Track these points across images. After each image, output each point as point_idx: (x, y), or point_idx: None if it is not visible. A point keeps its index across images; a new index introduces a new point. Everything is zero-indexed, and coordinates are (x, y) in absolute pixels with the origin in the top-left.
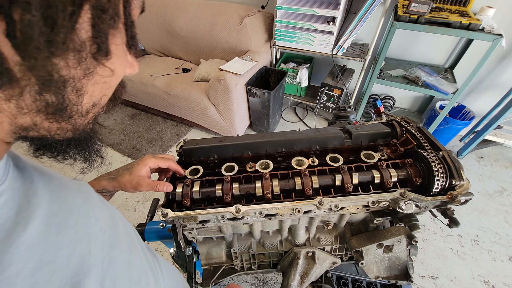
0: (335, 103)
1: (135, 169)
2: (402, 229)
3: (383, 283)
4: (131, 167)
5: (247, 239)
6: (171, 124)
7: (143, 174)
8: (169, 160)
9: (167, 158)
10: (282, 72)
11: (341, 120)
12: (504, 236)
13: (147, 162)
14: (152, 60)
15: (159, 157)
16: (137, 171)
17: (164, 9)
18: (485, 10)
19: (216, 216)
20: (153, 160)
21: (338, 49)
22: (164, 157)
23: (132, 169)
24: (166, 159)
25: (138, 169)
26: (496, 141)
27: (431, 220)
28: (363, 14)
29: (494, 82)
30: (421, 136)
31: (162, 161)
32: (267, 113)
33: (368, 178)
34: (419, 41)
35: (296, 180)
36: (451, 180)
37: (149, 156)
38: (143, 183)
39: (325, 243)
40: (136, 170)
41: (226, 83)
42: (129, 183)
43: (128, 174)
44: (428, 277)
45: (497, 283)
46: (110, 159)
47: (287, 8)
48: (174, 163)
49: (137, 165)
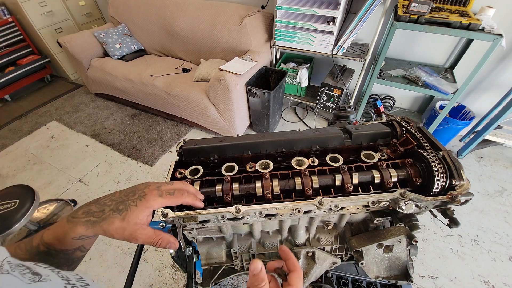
0: (335, 103)
1: (132, 213)
2: (402, 229)
3: (383, 283)
4: (124, 208)
5: (247, 239)
6: (171, 124)
7: (142, 221)
8: (181, 196)
9: (178, 193)
10: (282, 72)
11: (341, 120)
12: (504, 236)
13: (151, 204)
14: (152, 60)
15: (168, 191)
16: (134, 217)
17: (164, 9)
18: (485, 10)
19: (216, 216)
20: (159, 201)
21: (338, 49)
22: (175, 188)
23: (127, 212)
24: (177, 195)
25: (136, 214)
26: (496, 141)
27: (431, 220)
28: (363, 14)
29: (494, 82)
30: (421, 136)
31: (172, 200)
32: (267, 113)
33: (368, 178)
34: (419, 41)
35: (296, 180)
36: (451, 180)
37: (153, 193)
38: (139, 235)
39: (325, 243)
40: (132, 216)
41: (226, 83)
42: (120, 233)
43: (119, 219)
44: (428, 277)
45: (497, 283)
46: (110, 159)
47: (287, 8)
48: (190, 197)
49: (135, 208)
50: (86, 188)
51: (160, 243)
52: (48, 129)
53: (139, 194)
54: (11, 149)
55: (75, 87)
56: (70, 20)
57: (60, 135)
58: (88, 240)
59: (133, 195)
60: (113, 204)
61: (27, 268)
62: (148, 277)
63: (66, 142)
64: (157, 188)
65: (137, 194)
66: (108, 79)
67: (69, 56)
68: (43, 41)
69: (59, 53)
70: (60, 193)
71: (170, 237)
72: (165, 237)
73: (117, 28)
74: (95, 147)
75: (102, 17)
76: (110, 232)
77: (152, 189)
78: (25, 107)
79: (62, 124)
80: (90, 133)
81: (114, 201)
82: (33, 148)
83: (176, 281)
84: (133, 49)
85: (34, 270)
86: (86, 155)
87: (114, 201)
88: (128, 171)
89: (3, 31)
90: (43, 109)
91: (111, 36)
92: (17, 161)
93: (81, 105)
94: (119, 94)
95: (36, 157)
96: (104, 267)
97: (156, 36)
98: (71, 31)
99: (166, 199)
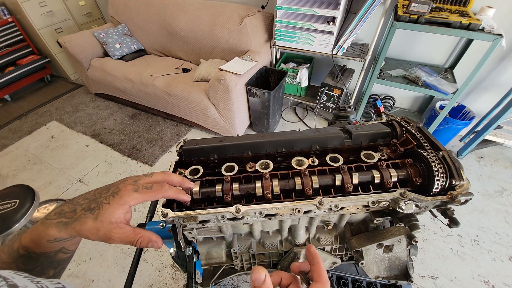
0: (335, 103)
1: (105, 212)
2: (402, 229)
3: (383, 283)
4: (97, 206)
5: (247, 239)
6: (171, 124)
7: (118, 219)
8: (160, 189)
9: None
10: (282, 72)
11: (341, 120)
12: (504, 236)
13: (126, 200)
14: (152, 60)
15: (145, 185)
16: (108, 215)
17: (164, 9)
18: (485, 10)
19: (216, 216)
20: (135, 196)
21: (338, 49)
22: (154, 181)
23: (100, 211)
24: (156, 189)
25: (110, 212)
26: (496, 141)
27: (431, 220)
28: (363, 14)
29: (494, 82)
30: (421, 136)
31: (150, 194)
32: (267, 113)
33: (368, 178)
34: (419, 41)
35: (296, 180)
36: (451, 180)
37: (128, 188)
38: (115, 235)
39: (325, 243)
40: (105, 214)
41: (226, 83)
42: (94, 233)
43: (92, 219)
44: (428, 277)
45: (497, 283)
46: (110, 159)
47: (287, 8)
48: (171, 190)
49: (108, 206)
50: (86, 188)
51: (140, 242)
52: (48, 129)
53: (112, 191)
54: (11, 149)
55: (75, 87)
56: (70, 20)
57: (60, 135)
58: (68, 242)
59: (106, 191)
60: (86, 203)
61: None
62: (148, 277)
63: (66, 142)
64: (133, 182)
65: (110, 191)
66: (108, 79)
67: (69, 56)
68: (43, 41)
69: (59, 53)
70: (60, 193)
71: (151, 235)
72: (145, 235)
73: (117, 28)
74: (95, 147)
75: (102, 17)
76: (83, 233)
77: (128, 183)
78: (25, 107)
79: (62, 124)
80: (90, 133)
81: (87, 199)
82: (33, 148)
83: (176, 281)
84: (133, 49)
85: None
86: (86, 155)
87: (87, 199)
88: (128, 171)
89: (3, 31)
90: (43, 109)
91: (111, 36)
92: (17, 161)
93: (81, 105)
94: (119, 94)
95: (36, 157)
96: (104, 267)
97: (156, 36)
98: (71, 31)
99: (142, 193)
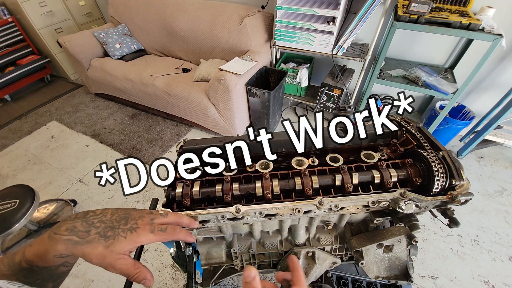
0: (335, 103)
1: (119, 244)
2: (402, 229)
3: (383, 283)
4: (113, 236)
5: (247, 239)
6: (171, 124)
7: (126, 252)
8: (173, 232)
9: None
10: (282, 72)
11: None
12: (504, 236)
13: (142, 239)
14: (152, 60)
15: (160, 227)
16: (120, 248)
17: (164, 9)
18: (485, 10)
19: (216, 216)
20: (150, 237)
21: (338, 49)
22: (169, 223)
23: (114, 242)
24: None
25: (123, 245)
26: (496, 141)
27: (431, 220)
28: (363, 14)
29: (494, 82)
30: (421, 136)
31: (163, 237)
32: (267, 113)
33: (368, 178)
34: (419, 41)
35: (296, 180)
36: (451, 180)
37: (146, 228)
38: (118, 265)
39: (325, 243)
40: (118, 247)
41: (226, 83)
42: (99, 259)
43: (104, 246)
44: (428, 277)
45: (497, 283)
46: (110, 159)
47: (287, 8)
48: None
49: (124, 240)
50: (86, 188)
51: (136, 277)
52: (48, 129)
53: (131, 225)
54: (11, 149)
55: (75, 87)
56: (70, 20)
57: (60, 135)
58: (71, 256)
59: (124, 224)
60: (102, 227)
61: None
62: None
63: (66, 142)
64: (150, 221)
65: (129, 224)
66: (108, 79)
67: (69, 56)
68: (43, 41)
69: (59, 53)
70: (60, 193)
71: (147, 273)
72: (142, 272)
73: (117, 28)
74: (95, 147)
75: (102, 17)
76: (89, 256)
77: (146, 223)
78: (25, 107)
79: (62, 124)
80: (90, 133)
81: (103, 223)
82: (33, 148)
83: (176, 281)
84: (133, 49)
85: None
86: (86, 155)
87: (103, 223)
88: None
89: (3, 31)
90: (43, 109)
91: (111, 36)
92: (17, 161)
93: (81, 105)
94: (119, 94)
95: (36, 157)
96: None
97: (156, 36)
98: (71, 31)
99: (157, 235)
